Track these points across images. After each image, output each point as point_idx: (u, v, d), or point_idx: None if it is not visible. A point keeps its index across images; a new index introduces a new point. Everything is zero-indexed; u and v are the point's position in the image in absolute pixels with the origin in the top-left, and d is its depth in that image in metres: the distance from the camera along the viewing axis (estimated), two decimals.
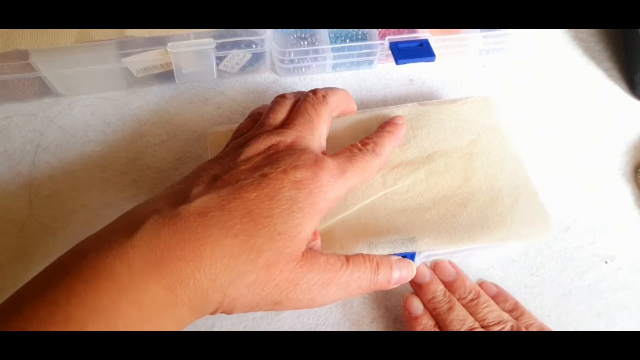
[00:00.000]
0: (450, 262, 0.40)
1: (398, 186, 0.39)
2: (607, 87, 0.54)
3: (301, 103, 0.36)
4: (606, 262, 0.44)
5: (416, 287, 0.39)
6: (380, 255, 0.33)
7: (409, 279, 0.35)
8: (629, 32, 0.55)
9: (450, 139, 0.41)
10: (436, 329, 0.36)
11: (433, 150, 0.41)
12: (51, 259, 0.40)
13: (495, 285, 0.40)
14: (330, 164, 0.32)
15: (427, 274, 0.39)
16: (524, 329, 0.36)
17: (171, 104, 0.49)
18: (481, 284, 0.40)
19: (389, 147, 0.37)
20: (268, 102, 0.49)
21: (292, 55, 0.48)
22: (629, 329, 0.41)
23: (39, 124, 0.46)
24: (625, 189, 0.47)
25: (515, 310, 0.38)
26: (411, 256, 0.36)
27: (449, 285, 0.39)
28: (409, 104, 0.43)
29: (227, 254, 0.26)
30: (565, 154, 0.49)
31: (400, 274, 0.34)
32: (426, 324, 0.37)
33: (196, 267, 0.25)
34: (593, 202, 0.47)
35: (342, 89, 0.40)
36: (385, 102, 0.50)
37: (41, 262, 0.40)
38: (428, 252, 0.37)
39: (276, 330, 0.39)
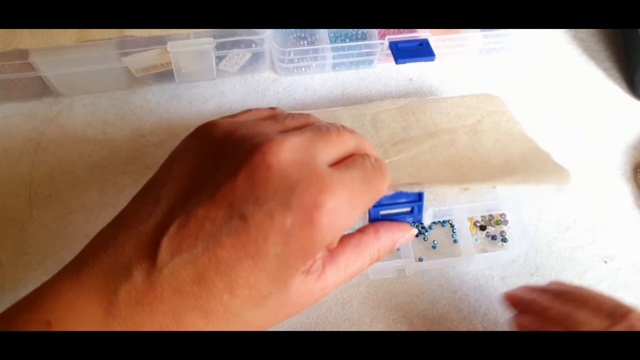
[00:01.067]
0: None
1: (401, 156, 0.37)
2: (607, 87, 0.54)
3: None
4: (606, 262, 0.44)
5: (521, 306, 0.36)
6: (384, 239, 0.30)
7: (409, 242, 0.33)
8: (628, 32, 0.55)
9: (454, 120, 0.41)
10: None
11: (436, 129, 0.40)
12: (51, 259, 0.40)
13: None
14: (339, 195, 0.24)
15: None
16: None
17: (171, 103, 0.49)
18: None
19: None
20: (268, 101, 0.50)
21: (292, 55, 0.48)
22: None
23: (39, 124, 0.46)
24: (625, 189, 0.47)
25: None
26: (418, 209, 0.33)
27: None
28: (410, 97, 0.43)
29: None
30: (565, 153, 0.49)
31: (399, 244, 0.31)
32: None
33: None
34: (593, 202, 0.47)
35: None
36: None
37: (41, 262, 0.40)
38: (438, 203, 0.34)
39: (276, 330, 0.39)
